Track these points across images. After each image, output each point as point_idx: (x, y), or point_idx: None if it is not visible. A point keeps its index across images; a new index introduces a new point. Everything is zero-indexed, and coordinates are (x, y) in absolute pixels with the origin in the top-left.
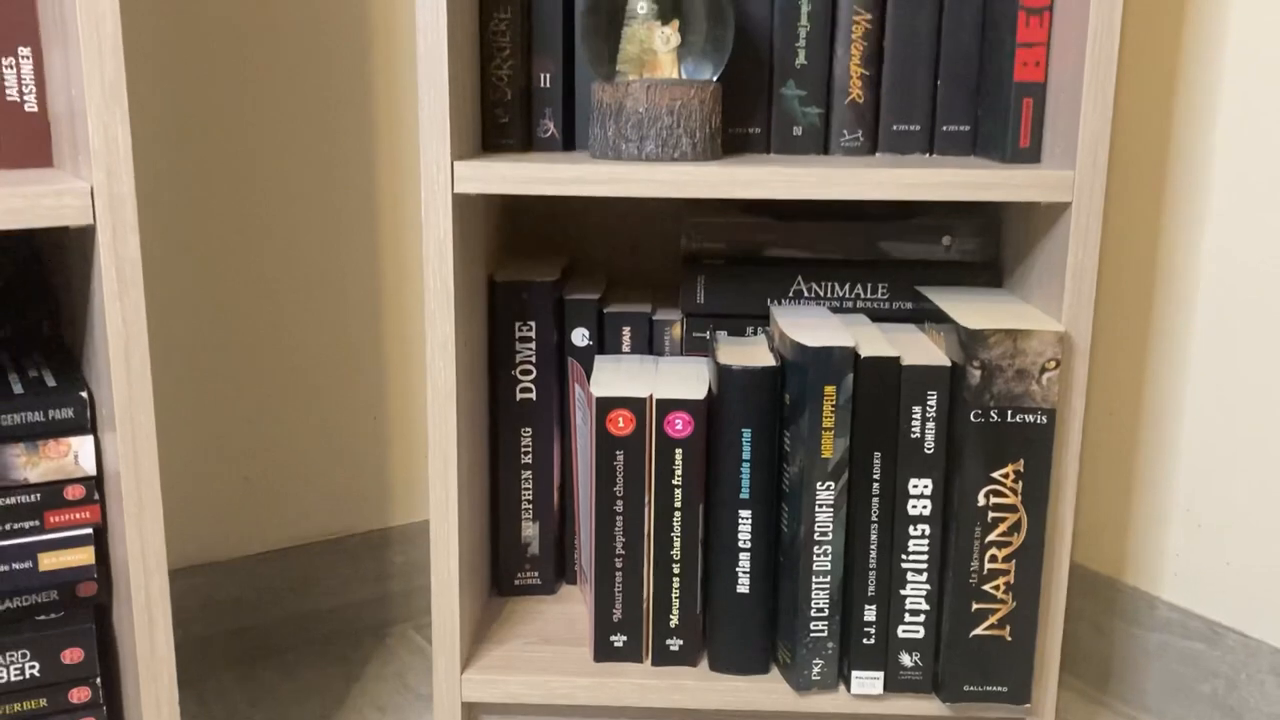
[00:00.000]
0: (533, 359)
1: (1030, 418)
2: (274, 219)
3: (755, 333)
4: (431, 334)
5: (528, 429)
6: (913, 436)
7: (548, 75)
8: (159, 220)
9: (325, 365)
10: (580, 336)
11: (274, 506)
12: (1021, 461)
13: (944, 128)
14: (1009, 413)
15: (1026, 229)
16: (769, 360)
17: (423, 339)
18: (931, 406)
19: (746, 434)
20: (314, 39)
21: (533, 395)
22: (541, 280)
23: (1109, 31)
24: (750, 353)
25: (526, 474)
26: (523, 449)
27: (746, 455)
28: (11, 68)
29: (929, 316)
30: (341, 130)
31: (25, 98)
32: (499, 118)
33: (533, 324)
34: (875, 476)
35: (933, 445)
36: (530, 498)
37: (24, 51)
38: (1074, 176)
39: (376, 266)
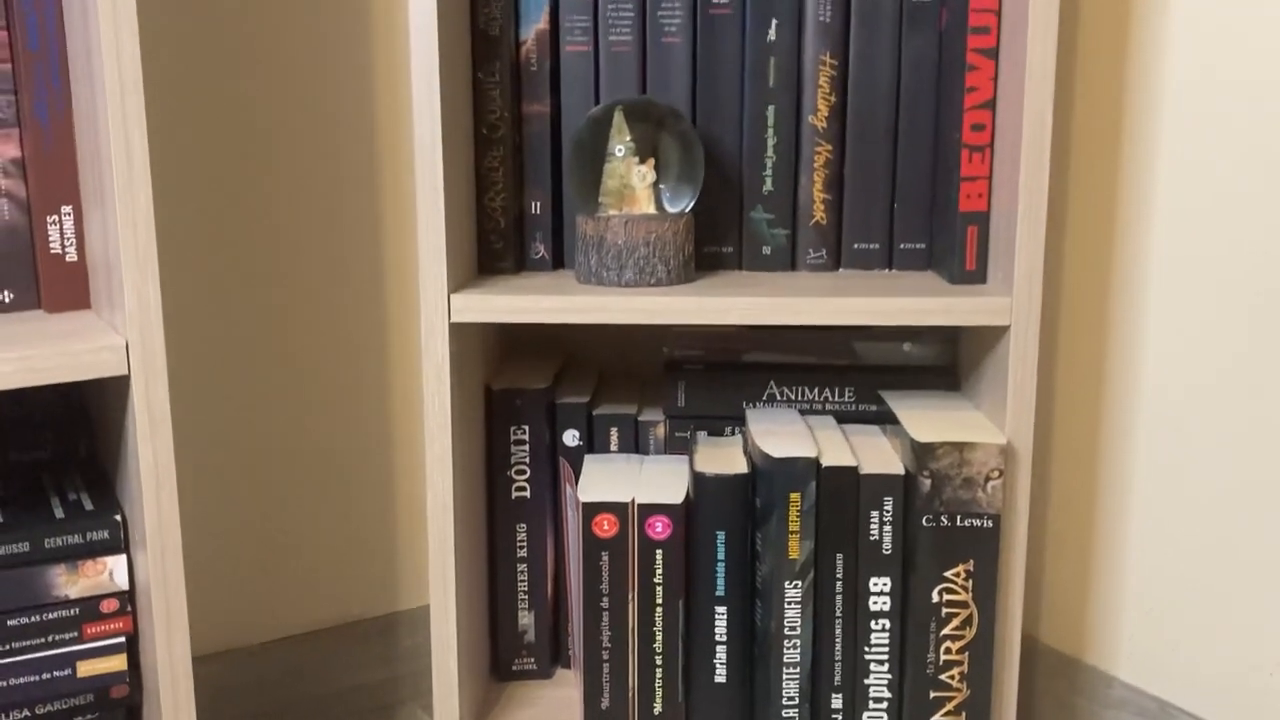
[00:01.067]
0: (527, 459)
1: (977, 522)
2: (292, 332)
3: (733, 432)
4: (430, 449)
5: (523, 524)
6: (872, 538)
7: (538, 203)
8: (185, 333)
9: (337, 462)
10: (571, 437)
11: (289, 593)
12: (971, 562)
13: (901, 245)
14: (958, 517)
15: (977, 340)
16: (741, 466)
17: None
18: (888, 511)
19: (721, 535)
20: (327, 166)
21: (527, 494)
22: (534, 387)
23: (1039, 168)
24: (726, 455)
25: (522, 566)
26: (518, 543)
27: (721, 555)
28: (55, 223)
29: (892, 419)
30: (354, 257)
31: (67, 249)
32: (494, 243)
33: (526, 428)
34: (839, 575)
35: (890, 547)
36: (526, 588)
37: (66, 209)
38: (1011, 303)
39: (385, 377)
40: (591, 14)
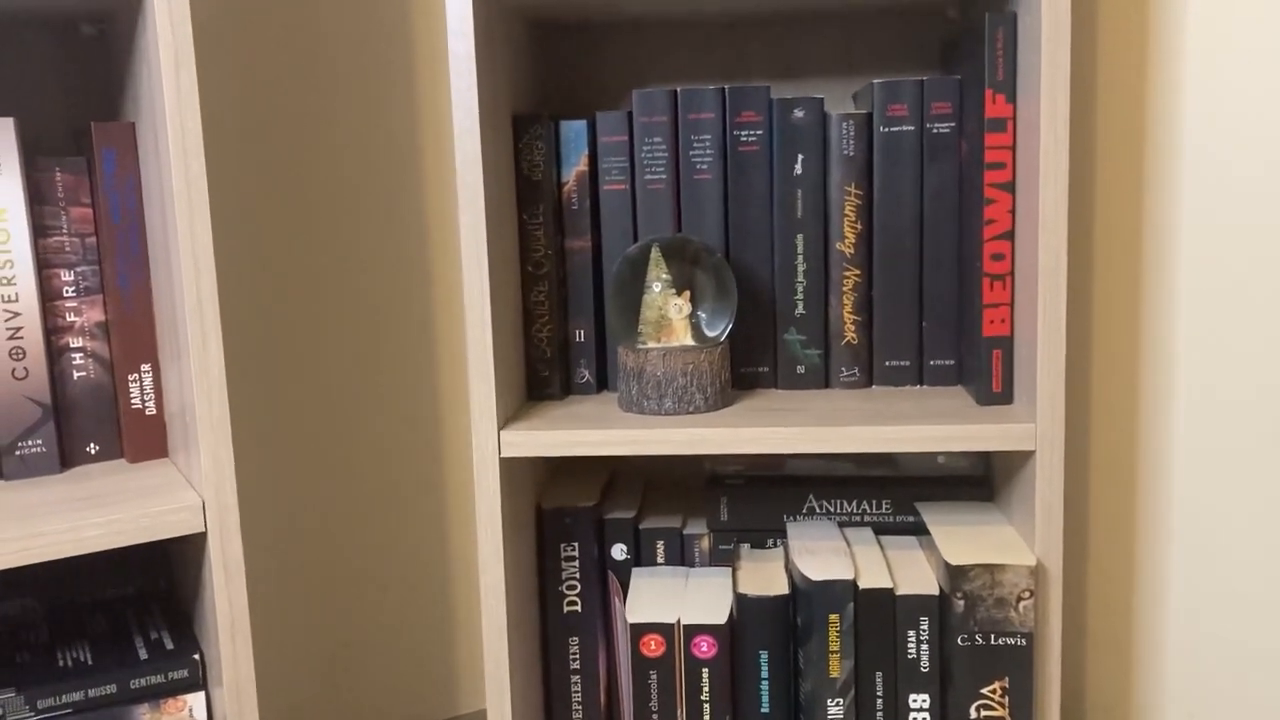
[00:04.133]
0: (577, 575)
1: (1011, 640)
2: (352, 457)
3: (775, 544)
4: (485, 577)
5: (575, 638)
6: (909, 656)
7: (581, 332)
8: (257, 466)
9: (396, 575)
10: (619, 551)
11: (353, 698)
12: (1007, 678)
13: (931, 362)
14: (992, 636)
15: (1008, 455)
16: (782, 587)
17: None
18: (924, 630)
19: (764, 655)
20: (383, 300)
21: (579, 608)
22: (582, 505)
23: (1056, 300)
24: (768, 572)
25: (575, 678)
26: (571, 655)
27: (765, 674)
28: (136, 380)
29: (928, 529)
30: (410, 386)
31: (146, 404)
32: (541, 371)
33: (576, 544)
34: (879, 693)
35: (928, 664)
36: (580, 699)
37: (145, 367)
38: (1036, 429)
39: (441, 494)
40: (628, 155)
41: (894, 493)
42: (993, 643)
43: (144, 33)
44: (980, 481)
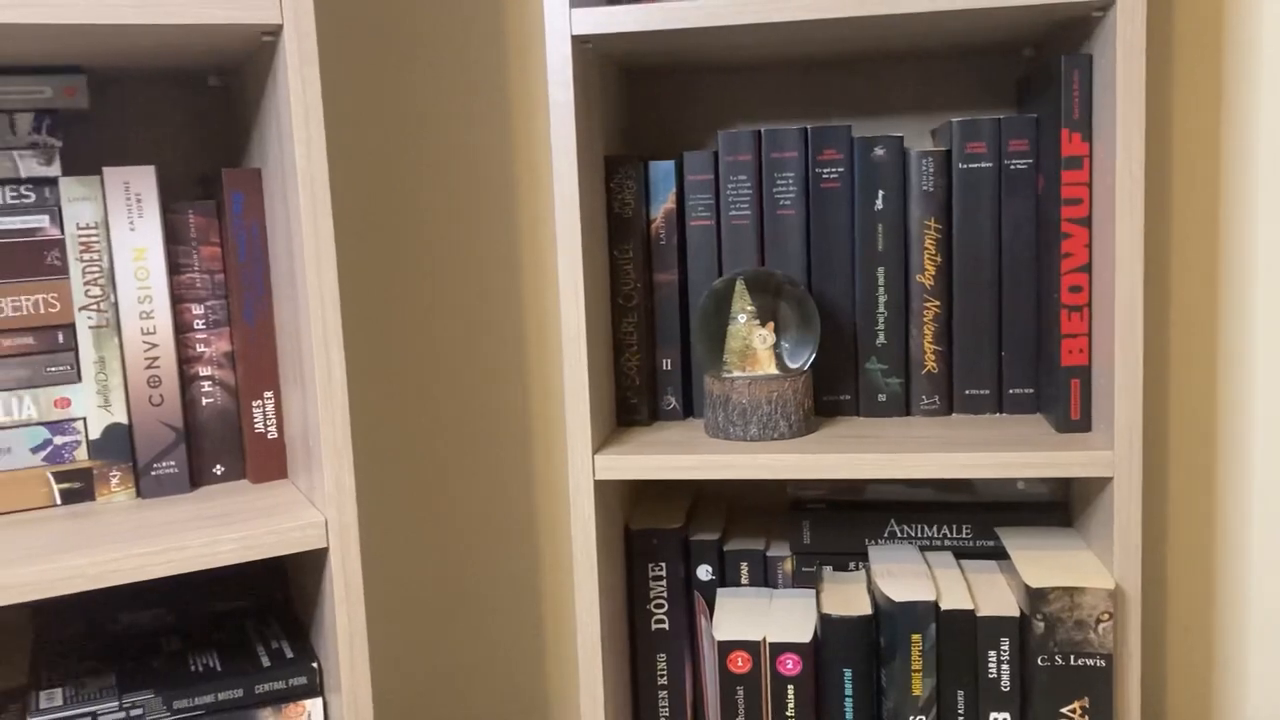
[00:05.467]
0: (664, 594)
1: (1090, 661)
2: (452, 482)
3: (856, 567)
4: (579, 593)
5: (663, 654)
6: (990, 676)
7: (668, 361)
8: (362, 478)
9: (493, 593)
10: (704, 572)
11: (448, 710)
12: (1086, 699)
13: (1011, 390)
14: (1071, 657)
15: (1086, 480)
16: (865, 607)
17: (573, 588)
18: (1005, 651)
19: (848, 673)
20: (483, 335)
21: (666, 626)
22: (669, 527)
23: (1133, 331)
24: (850, 593)
25: (663, 693)
26: (659, 672)
27: (849, 691)
28: (259, 406)
29: (1007, 554)
30: (506, 411)
31: (269, 429)
32: (630, 398)
33: (663, 564)
34: (960, 711)
35: (1008, 684)
36: (667, 714)
37: (268, 394)
38: (1114, 456)
39: (533, 517)
40: (713, 193)
41: (973, 518)
42: (1072, 663)
43: (275, 88)
44: (1058, 507)
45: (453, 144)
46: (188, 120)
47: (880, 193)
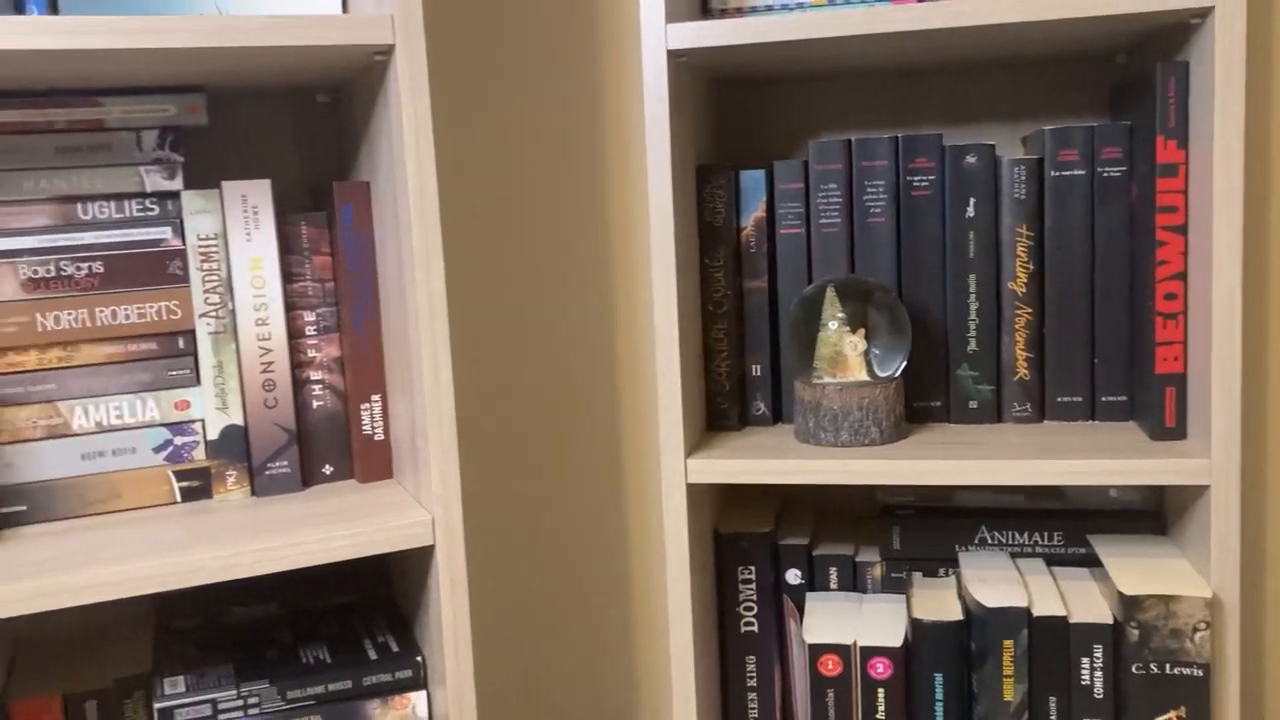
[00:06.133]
0: (754, 597)
1: (1187, 670)
2: (544, 484)
3: (946, 573)
4: (672, 594)
5: (752, 657)
6: (1083, 683)
7: (758, 367)
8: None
9: (583, 596)
10: (793, 576)
11: (540, 707)
12: (1183, 708)
13: (1103, 398)
14: (1167, 665)
15: (1181, 488)
16: (956, 612)
17: (665, 579)
18: (1098, 658)
19: (939, 677)
20: (581, 339)
21: (755, 628)
22: (759, 531)
23: (1230, 339)
24: (941, 599)
25: (752, 695)
26: (748, 674)
27: (939, 695)
28: (367, 409)
29: (1099, 562)
30: (595, 419)
31: (375, 430)
32: (720, 403)
33: (753, 568)
34: (1053, 717)
35: (1102, 692)
36: (757, 715)
37: (375, 397)
38: (1210, 464)
39: (623, 522)
40: (804, 201)
41: (1065, 525)
42: (1168, 672)
43: (385, 104)
44: (1151, 515)
45: (547, 155)
46: (296, 135)
47: (971, 200)
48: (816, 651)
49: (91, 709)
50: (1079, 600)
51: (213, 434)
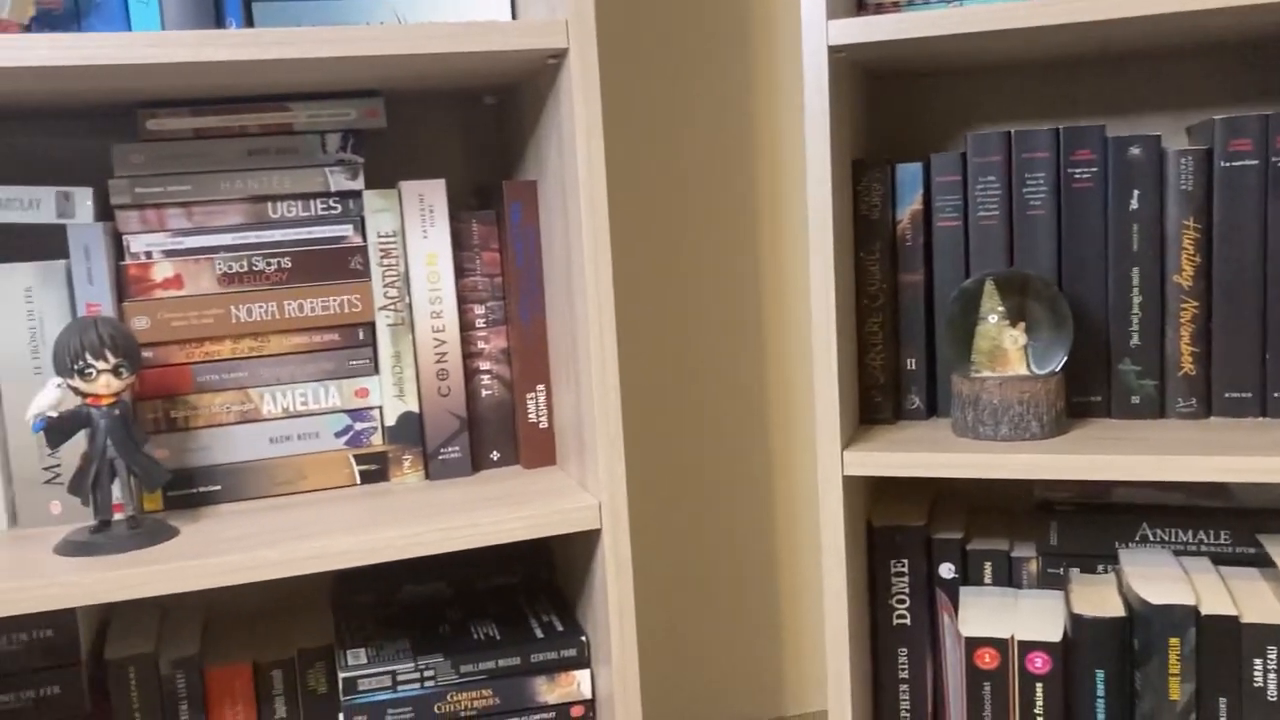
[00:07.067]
0: (906, 590)
1: None
2: (697, 472)
3: (1105, 570)
4: (827, 584)
5: (904, 648)
6: (1255, 685)
7: (913, 360)
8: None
9: (733, 580)
10: (946, 570)
11: (692, 696)
12: None
13: (1275, 394)
14: None
15: None
16: (1118, 609)
17: (815, 569)
18: (1272, 660)
19: (1100, 674)
20: (734, 339)
21: (907, 621)
22: (912, 524)
23: None
24: (1101, 595)
25: (904, 687)
26: (900, 665)
27: (1100, 692)
28: (532, 398)
29: (1272, 561)
30: (748, 411)
31: (539, 419)
32: (874, 397)
33: (906, 561)
34: (1221, 718)
35: (1276, 694)
36: (908, 707)
37: (540, 387)
38: None
39: (772, 512)
40: (961, 193)
41: (1232, 523)
42: None
43: (556, 106)
44: None
45: (700, 151)
46: (463, 135)
47: (1135, 192)
48: (973, 645)
49: (278, 677)
50: (1250, 600)
51: (390, 420)
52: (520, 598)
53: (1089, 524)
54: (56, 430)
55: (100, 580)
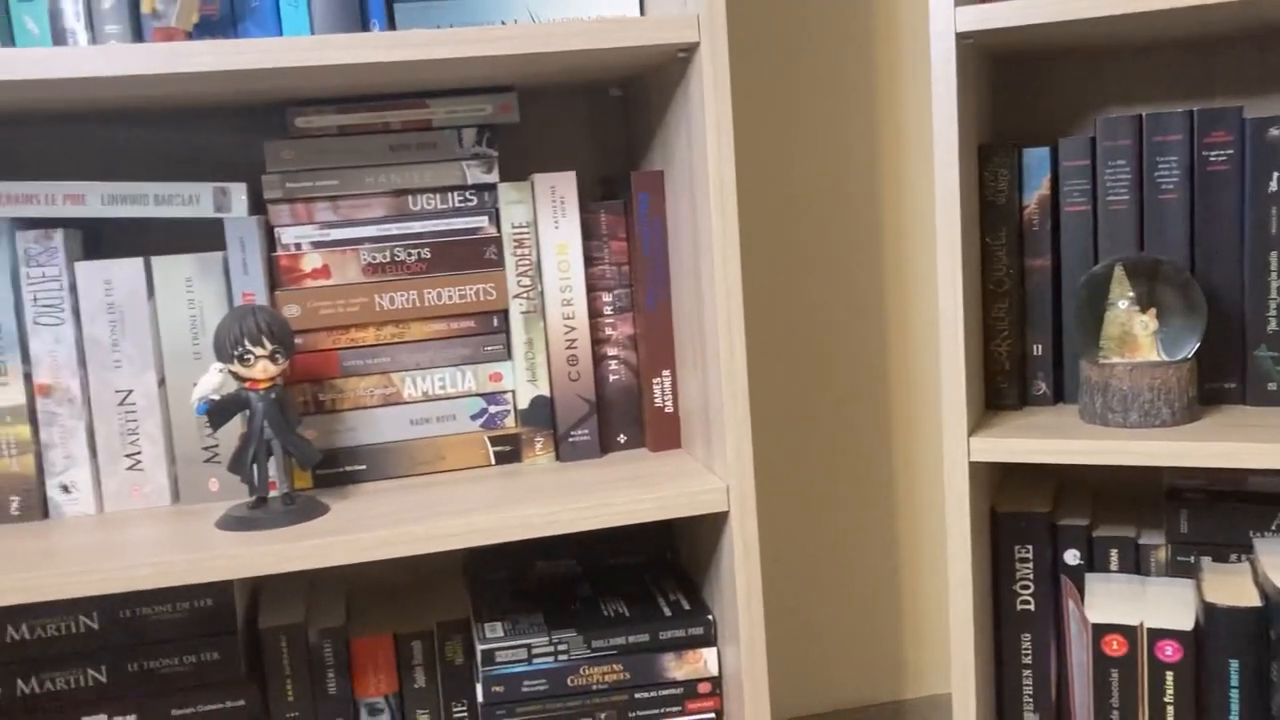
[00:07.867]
0: (1030, 576)
1: None
2: (818, 456)
3: (1239, 559)
4: (952, 570)
5: (1027, 634)
6: None
7: (1039, 346)
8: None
9: (856, 566)
10: (1072, 556)
11: (813, 678)
12: None
13: None
14: None
15: None
16: (1253, 598)
17: (937, 554)
18: None
19: (1234, 664)
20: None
21: (1031, 606)
22: (1037, 510)
23: None
24: (1235, 584)
25: (1027, 673)
26: (1023, 651)
27: (1234, 683)
28: (658, 383)
29: None
30: (870, 401)
31: (665, 403)
32: (999, 382)
33: (1030, 547)
34: None
35: None
36: (1031, 693)
37: (665, 372)
38: None
39: (892, 499)
40: (1090, 178)
41: None
42: None
43: (685, 98)
44: None
45: (823, 138)
46: (590, 128)
47: (1275, 174)
48: (1100, 631)
49: (418, 648)
50: None
51: (523, 404)
52: (645, 576)
53: (1222, 512)
54: (218, 412)
55: (263, 553)
